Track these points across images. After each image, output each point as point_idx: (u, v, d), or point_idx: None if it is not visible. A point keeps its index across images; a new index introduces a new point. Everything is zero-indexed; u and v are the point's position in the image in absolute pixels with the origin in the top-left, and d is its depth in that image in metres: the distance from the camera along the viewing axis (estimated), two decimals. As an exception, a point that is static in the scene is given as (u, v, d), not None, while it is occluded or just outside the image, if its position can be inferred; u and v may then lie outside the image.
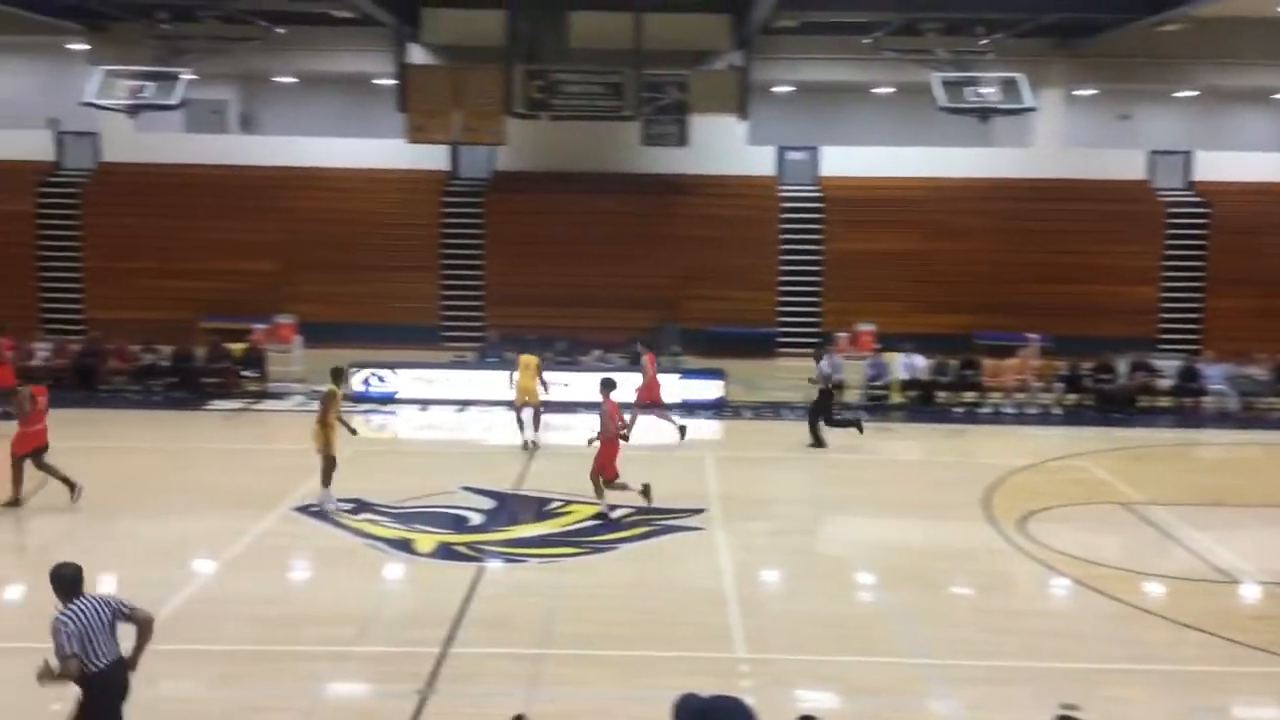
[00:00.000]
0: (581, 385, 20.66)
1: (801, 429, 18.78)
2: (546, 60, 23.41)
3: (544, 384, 17.94)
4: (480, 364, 22.21)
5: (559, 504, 14.47)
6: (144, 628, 7.15)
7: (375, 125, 28.20)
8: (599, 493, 13.95)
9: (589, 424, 19.22)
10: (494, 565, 12.13)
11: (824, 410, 18.32)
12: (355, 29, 26.83)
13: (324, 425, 13.84)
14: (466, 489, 14.95)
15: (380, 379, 21.03)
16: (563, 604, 11.06)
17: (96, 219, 27.48)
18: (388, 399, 20.87)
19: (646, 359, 19.01)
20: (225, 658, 9.59)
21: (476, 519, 13.77)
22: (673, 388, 21.04)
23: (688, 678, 9.26)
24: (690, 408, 20.65)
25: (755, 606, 11.12)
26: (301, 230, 27.23)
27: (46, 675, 6.79)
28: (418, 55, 26.82)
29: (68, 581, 7.08)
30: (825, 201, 28.35)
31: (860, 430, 18.35)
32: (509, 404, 18.08)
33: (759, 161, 28.77)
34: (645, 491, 14.05)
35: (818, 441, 18.14)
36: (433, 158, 27.80)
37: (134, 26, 25.40)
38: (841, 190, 28.41)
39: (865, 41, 24.86)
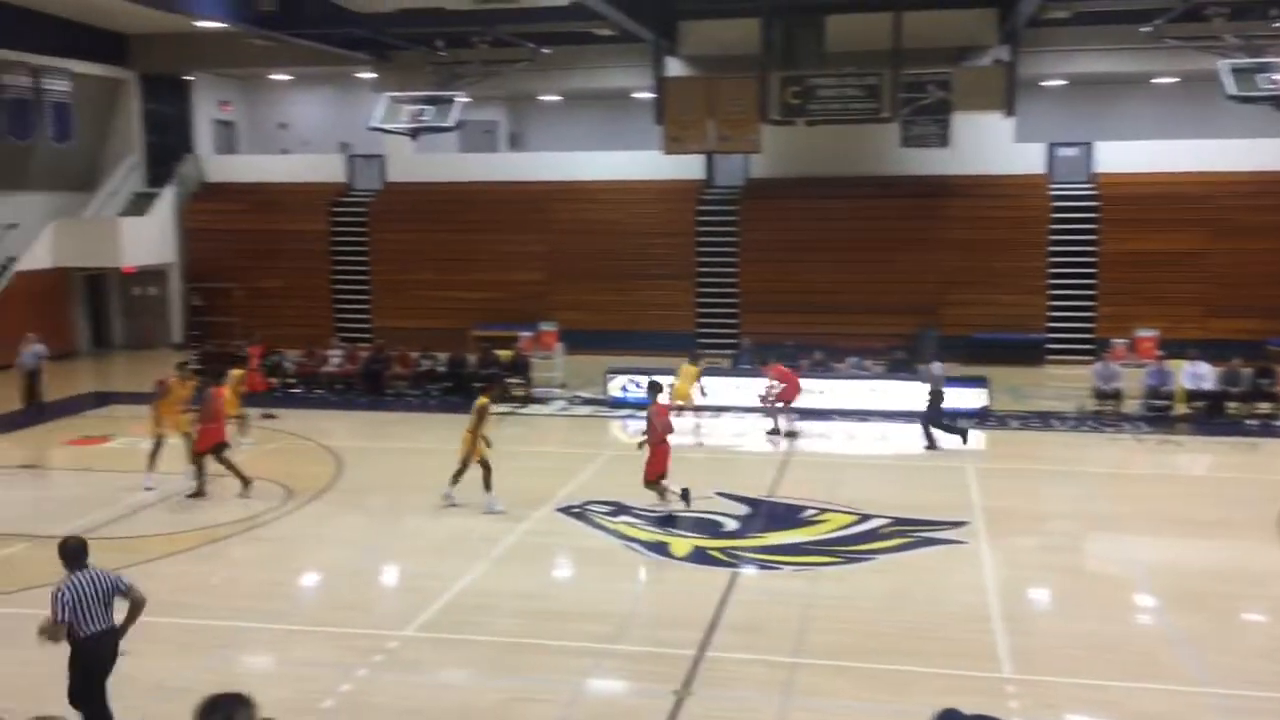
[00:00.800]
0: (839, 394, 20.53)
1: (1071, 439, 17.90)
2: (802, 65, 23.31)
3: (702, 391, 18.81)
4: (734, 370, 22.35)
5: (814, 512, 14.36)
6: (136, 606, 7.90)
7: (633, 138, 28.98)
8: (662, 496, 14.13)
9: (842, 431, 19.15)
10: (748, 571, 12.18)
11: (934, 412, 18.07)
12: (616, 46, 27.69)
13: (472, 434, 14.46)
14: (721, 495, 15.08)
15: (637, 385, 21.48)
16: (817, 613, 10.98)
17: (382, 235, 29.60)
18: (644, 405, 21.27)
19: (774, 371, 19.11)
20: (494, 648, 10.09)
21: (730, 525, 13.87)
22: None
23: (947, 695, 8.99)
24: (950, 416, 20.01)
25: (1022, 625, 10.64)
26: (564, 241, 28.33)
27: (45, 633, 7.71)
28: (675, 68, 27.35)
29: (71, 554, 7.83)
30: (1100, 200, 26.80)
31: (965, 440, 17.95)
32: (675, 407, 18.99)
33: (1027, 160, 27.53)
34: (684, 495, 14.15)
35: (931, 443, 17.95)
36: (688, 168, 28.26)
37: (414, 55, 27.28)
38: (1118, 187, 26.78)
39: (1144, 30, 23.32)
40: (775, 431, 18.94)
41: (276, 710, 5.44)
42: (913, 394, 20.61)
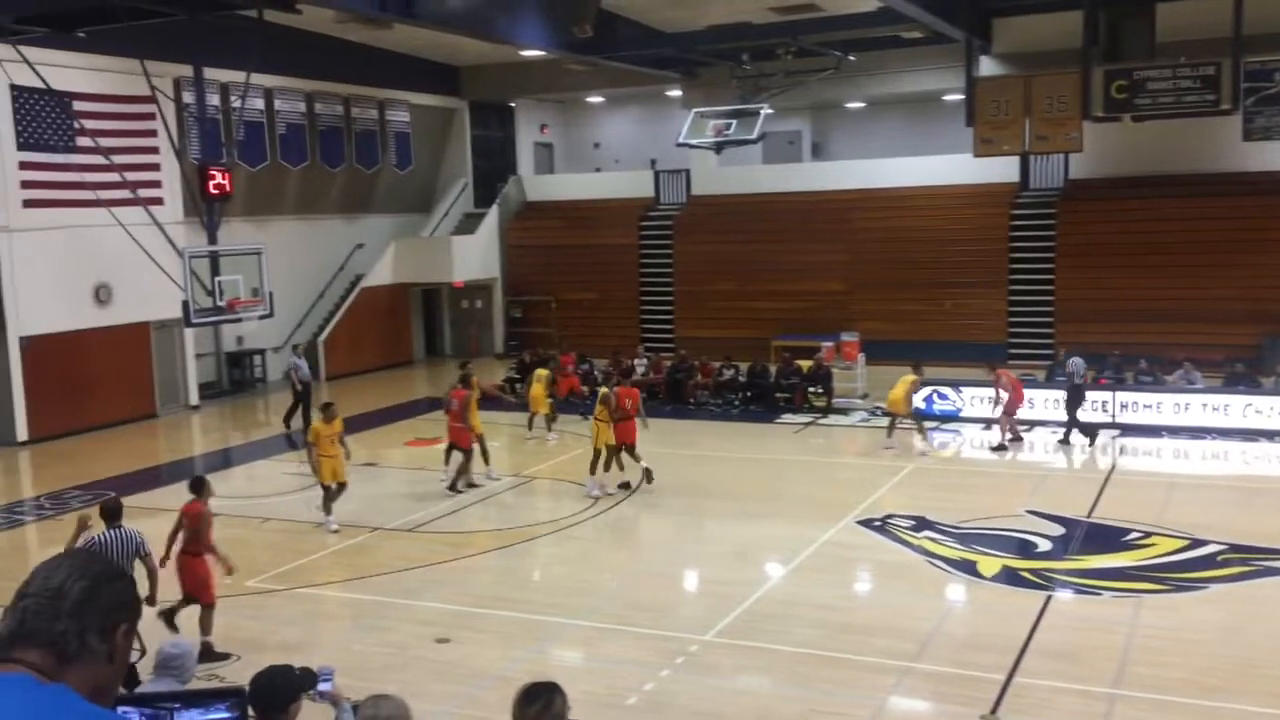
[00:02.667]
0: (1166, 409, 19.11)
1: None
2: (1129, 57, 21.88)
3: (910, 401, 18.63)
4: (1048, 383, 21.21)
5: (1138, 535, 13.40)
6: (152, 572, 9.27)
7: (941, 142, 28.17)
8: (635, 461, 15.71)
9: (1171, 449, 17.77)
10: (1063, 595, 11.55)
11: (1074, 408, 18.19)
12: (924, 49, 27.01)
13: (599, 421, 15.67)
14: (1032, 513, 14.38)
15: (943, 396, 20.88)
16: (1139, 643, 10.25)
17: (685, 247, 30.33)
18: (951, 417, 20.66)
19: (1000, 377, 18.52)
20: (792, 658, 10.10)
21: (1043, 545, 13.19)
22: (1276, 412, 18.64)
23: (1292, 743, 8.17)
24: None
25: (1384, 672, 9.49)
26: (866, 250, 27.91)
27: None
28: (986, 67, 26.34)
29: (109, 512, 9.32)
30: None
31: (1092, 442, 18.01)
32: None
33: (1395, 149, 24.48)
34: (624, 485, 15.74)
35: (1066, 438, 18.25)
36: (1001, 170, 27.12)
37: (719, 70, 27.79)
38: None
39: None
40: (1002, 447, 18.22)
41: (585, 704, 5.74)
42: (1258, 409, 18.87)
